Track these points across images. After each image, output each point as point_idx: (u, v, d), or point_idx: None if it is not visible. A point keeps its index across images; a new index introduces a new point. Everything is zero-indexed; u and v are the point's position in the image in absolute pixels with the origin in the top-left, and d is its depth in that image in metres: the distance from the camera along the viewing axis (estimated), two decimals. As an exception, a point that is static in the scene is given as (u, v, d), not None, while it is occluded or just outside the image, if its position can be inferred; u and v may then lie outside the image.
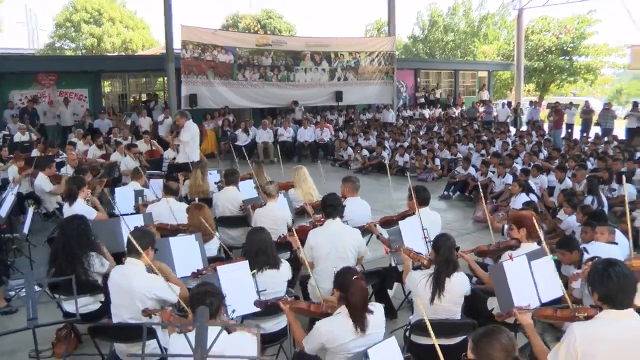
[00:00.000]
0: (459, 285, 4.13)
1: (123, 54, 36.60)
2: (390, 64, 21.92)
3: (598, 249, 5.22)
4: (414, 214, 5.86)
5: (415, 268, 4.44)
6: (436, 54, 40.24)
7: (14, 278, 6.48)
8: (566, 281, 4.87)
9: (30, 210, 6.92)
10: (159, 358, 3.99)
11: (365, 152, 15.18)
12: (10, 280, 6.31)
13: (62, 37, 40.01)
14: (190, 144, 9.68)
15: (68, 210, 6.33)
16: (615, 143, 14.07)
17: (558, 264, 4.70)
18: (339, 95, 20.59)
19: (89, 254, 4.77)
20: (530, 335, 3.47)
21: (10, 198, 7.40)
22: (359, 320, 3.44)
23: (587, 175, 9.37)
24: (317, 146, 16.80)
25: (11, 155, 10.25)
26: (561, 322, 4.50)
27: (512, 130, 20.39)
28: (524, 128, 20.33)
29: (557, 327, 4.97)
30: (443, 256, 4.11)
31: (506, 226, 5.77)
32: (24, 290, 4.02)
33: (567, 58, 31.34)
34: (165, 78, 19.03)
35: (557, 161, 11.44)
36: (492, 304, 4.55)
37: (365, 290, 3.53)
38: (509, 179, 10.10)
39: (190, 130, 9.65)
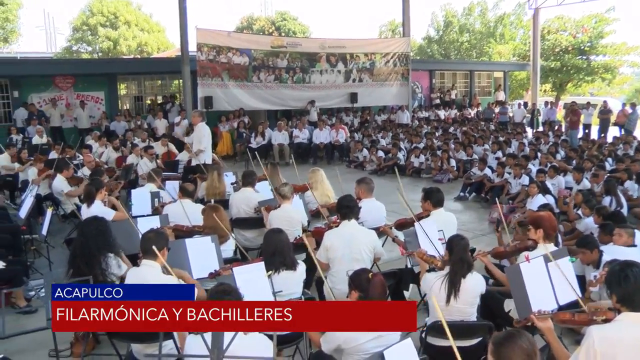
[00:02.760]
0: (474, 285, 4.11)
1: (139, 56, 36.86)
2: (405, 65, 21.86)
3: (616, 252, 5.18)
4: (428, 215, 5.86)
5: (429, 270, 4.42)
6: (451, 54, 40.07)
7: (33, 278, 6.56)
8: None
9: (49, 212, 7.01)
10: (176, 358, 4.01)
11: (380, 153, 15.15)
12: (30, 281, 6.39)
13: (79, 41, 40.44)
14: (200, 145, 9.71)
15: (86, 212, 6.39)
16: (636, 143, 13.88)
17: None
18: (354, 97, 20.56)
19: (107, 255, 4.81)
20: (550, 339, 3.43)
21: (29, 200, 7.50)
22: None
23: (605, 176, 9.29)
24: (333, 148, 16.79)
25: (31, 157, 10.37)
26: (579, 326, 4.47)
27: (529, 131, 20.24)
28: (540, 129, 20.16)
29: (575, 330, 4.93)
30: (457, 256, 4.09)
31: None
32: (43, 290, 4.08)
33: (585, 58, 31.04)
34: (181, 80, 19.15)
35: (574, 162, 11.34)
36: (509, 305, 4.52)
37: (384, 284, 3.55)
38: (525, 180, 10.03)
39: (200, 132, 9.68)
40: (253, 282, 4.05)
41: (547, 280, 3.94)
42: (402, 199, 5.78)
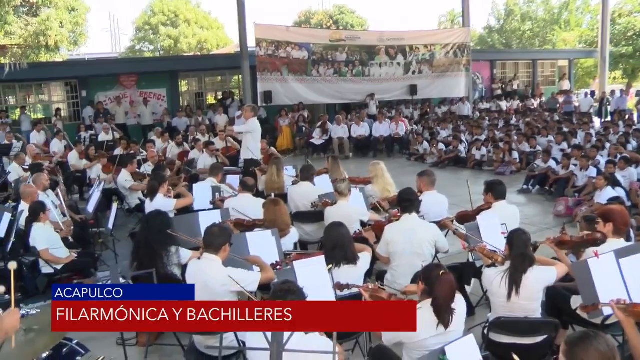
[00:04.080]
0: (536, 281, 3.97)
1: (199, 53, 37.58)
2: (465, 55, 21.42)
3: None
4: (489, 208, 5.73)
5: (490, 265, 4.31)
6: (513, 44, 39.00)
7: (101, 270, 6.80)
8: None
9: (114, 206, 7.24)
10: (236, 350, 4.05)
11: (441, 146, 14.93)
12: (97, 273, 6.63)
13: (141, 40, 41.59)
14: (249, 139, 9.78)
15: (149, 206, 6.56)
16: None
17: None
18: (413, 89, 20.28)
19: (169, 250, 4.94)
20: (629, 331, 3.24)
21: (96, 194, 7.78)
22: (443, 316, 3.38)
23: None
24: (393, 141, 16.65)
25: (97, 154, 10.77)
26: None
27: (597, 121, 19.45)
28: (609, 118, 19.33)
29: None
30: (517, 251, 3.97)
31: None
32: (109, 281, 4.22)
33: (664, 40, 29.40)
34: (240, 76, 19.40)
35: (648, 152, 10.83)
36: (576, 302, 4.34)
37: (453, 285, 3.44)
38: (592, 172, 9.65)
39: (250, 125, 9.72)
40: (313, 275, 4.04)
41: (619, 278, 3.74)
42: (469, 190, 5.68)
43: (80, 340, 3.67)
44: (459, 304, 3.51)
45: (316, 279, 4.03)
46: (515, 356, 2.55)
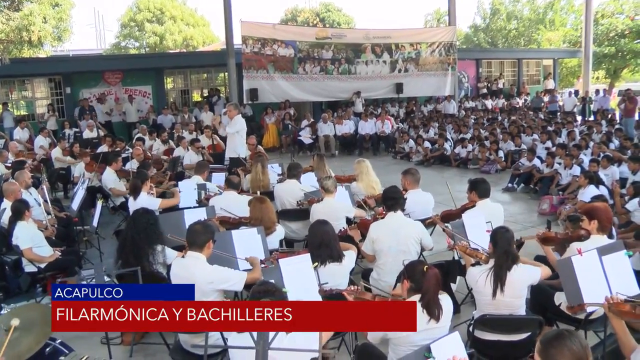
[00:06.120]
0: (520, 278, 4.00)
1: (184, 50, 37.36)
2: (451, 54, 21.50)
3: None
4: (473, 206, 5.76)
5: (474, 264, 4.33)
6: (498, 43, 39.20)
7: (85, 268, 6.73)
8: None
9: (99, 204, 7.19)
10: (222, 349, 4.04)
11: (427, 144, 14.98)
12: (82, 271, 6.56)
13: (126, 37, 41.28)
14: (236, 138, 9.77)
15: (133, 204, 6.52)
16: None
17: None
18: (399, 87, 20.35)
19: (155, 248, 4.91)
20: (617, 328, 3.27)
21: (81, 192, 7.71)
22: (433, 310, 3.41)
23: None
24: (378, 139, 16.68)
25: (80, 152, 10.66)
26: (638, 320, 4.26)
27: (580, 120, 19.60)
28: (592, 118, 19.49)
29: (635, 328, 4.71)
30: (501, 249, 3.99)
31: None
32: (94, 280, 4.18)
33: (644, 41, 29.67)
34: (226, 73, 19.34)
35: (629, 151, 10.92)
36: (560, 299, 4.38)
37: (438, 277, 3.48)
38: (576, 170, 9.75)
39: (238, 124, 9.74)
40: (299, 274, 4.04)
41: (602, 275, 3.79)
42: (449, 190, 5.69)
43: (64, 339, 3.64)
44: (445, 300, 3.54)
45: (302, 277, 4.03)
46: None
